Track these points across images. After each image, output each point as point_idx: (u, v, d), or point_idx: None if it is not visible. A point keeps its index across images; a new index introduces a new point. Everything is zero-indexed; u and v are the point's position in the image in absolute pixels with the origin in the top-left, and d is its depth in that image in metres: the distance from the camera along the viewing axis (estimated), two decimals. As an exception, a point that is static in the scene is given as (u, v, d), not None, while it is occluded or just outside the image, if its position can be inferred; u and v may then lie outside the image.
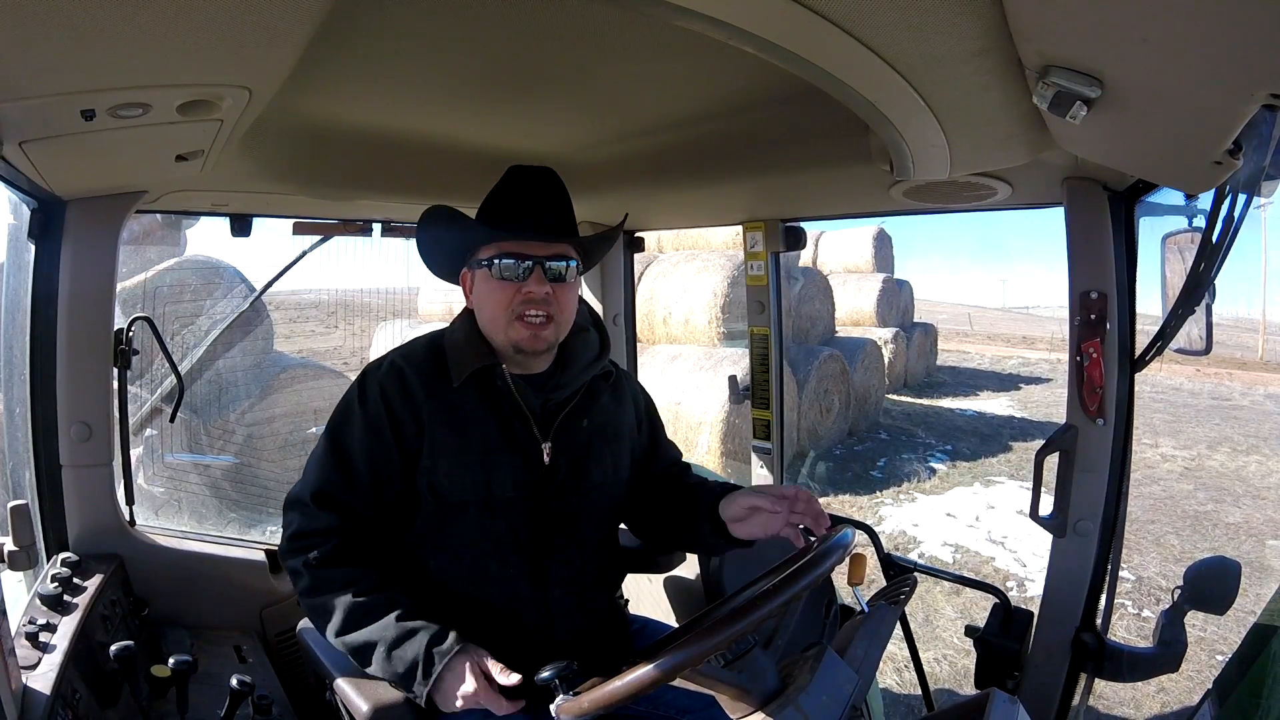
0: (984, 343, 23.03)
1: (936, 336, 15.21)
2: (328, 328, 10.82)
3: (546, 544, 1.30)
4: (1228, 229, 0.87)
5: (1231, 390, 13.77)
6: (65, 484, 1.53)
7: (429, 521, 1.28)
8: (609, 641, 1.40)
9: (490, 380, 1.29)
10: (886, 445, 9.37)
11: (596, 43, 1.16)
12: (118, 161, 1.29)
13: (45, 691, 1.07)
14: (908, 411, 11.39)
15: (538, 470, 1.29)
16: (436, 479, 1.25)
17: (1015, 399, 13.47)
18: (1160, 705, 3.47)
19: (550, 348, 1.32)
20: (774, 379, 2.21)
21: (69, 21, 0.72)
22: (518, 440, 1.29)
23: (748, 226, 2.16)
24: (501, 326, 1.27)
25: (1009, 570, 5.38)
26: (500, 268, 1.26)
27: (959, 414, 11.69)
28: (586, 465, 1.34)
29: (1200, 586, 1.36)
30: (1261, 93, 0.68)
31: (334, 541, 1.23)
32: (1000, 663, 1.58)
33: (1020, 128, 1.04)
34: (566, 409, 1.33)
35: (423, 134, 1.60)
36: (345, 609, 1.19)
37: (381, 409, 1.26)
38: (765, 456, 2.25)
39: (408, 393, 1.27)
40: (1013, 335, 25.13)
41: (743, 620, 0.90)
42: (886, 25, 0.77)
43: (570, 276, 1.29)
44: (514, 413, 1.29)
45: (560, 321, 1.29)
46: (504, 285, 1.26)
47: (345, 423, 1.28)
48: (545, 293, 1.25)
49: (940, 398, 12.86)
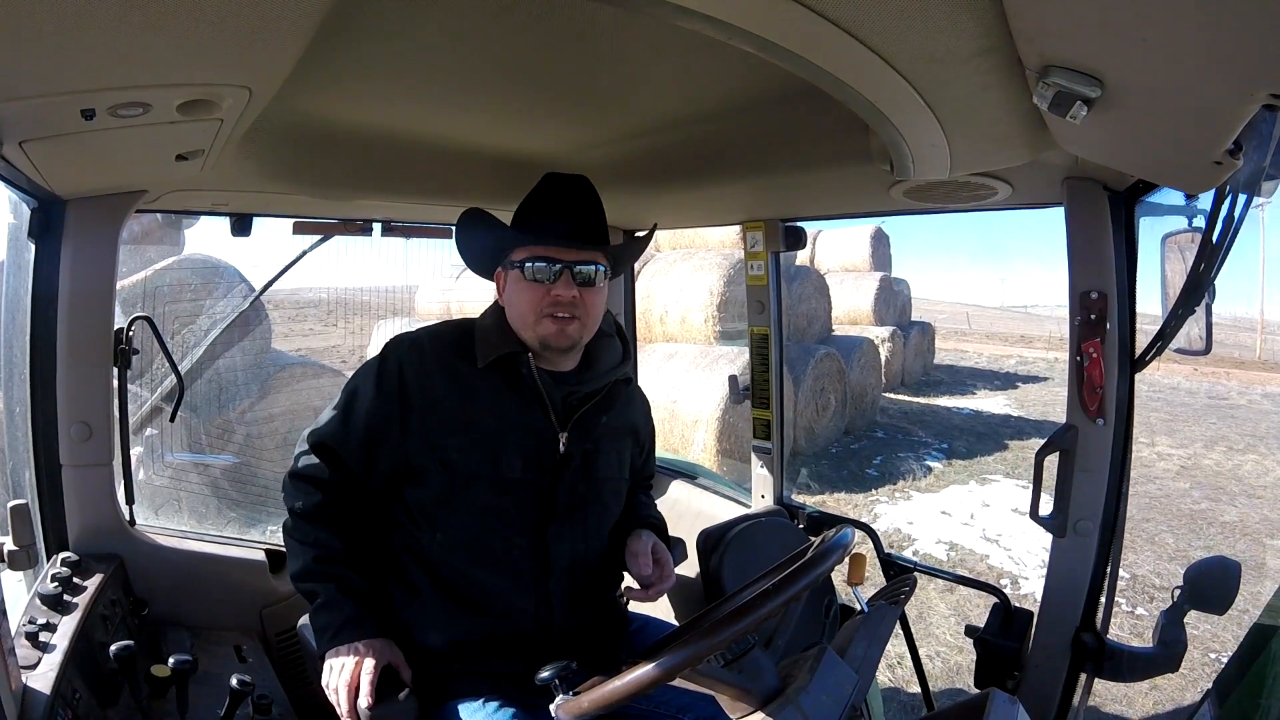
0: (982, 341, 23.15)
1: (934, 335, 15.26)
2: (326, 326, 10.88)
3: (554, 528, 1.33)
4: (1228, 229, 0.87)
5: (1229, 390, 13.85)
6: (65, 484, 1.53)
7: (439, 493, 1.32)
8: (609, 640, 1.41)
9: (515, 368, 1.33)
10: (883, 444, 9.38)
11: (597, 43, 1.16)
12: (118, 161, 1.29)
13: (45, 691, 1.07)
14: (905, 410, 11.42)
15: (551, 456, 1.33)
16: (447, 455, 1.30)
17: (1012, 398, 13.56)
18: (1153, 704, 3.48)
19: (575, 346, 1.35)
20: (774, 379, 2.21)
21: (69, 21, 0.71)
22: (533, 425, 1.33)
23: (748, 226, 2.16)
24: (530, 324, 1.31)
25: (1003, 568, 5.40)
26: (532, 270, 1.30)
27: (956, 412, 11.74)
28: (599, 459, 1.39)
29: (1200, 586, 1.36)
30: (1261, 93, 0.68)
31: (319, 496, 1.33)
32: (1000, 663, 1.58)
33: (1020, 128, 1.04)
34: (588, 405, 1.38)
35: (423, 134, 1.60)
36: (305, 562, 1.31)
37: (395, 378, 1.32)
38: (765, 456, 2.25)
39: (424, 367, 1.33)
40: (1010, 334, 25.21)
41: (742, 620, 0.90)
42: (887, 25, 0.77)
43: (598, 281, 1.33)
44: (535, 399, 1.34)
45: (587, 323, 1.34)
46: (534, 287, 1.31)
47: (361, 383, 1.35)
48: (573, 295, 1.30)
49: (937, 396, 12.92)
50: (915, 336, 13.85)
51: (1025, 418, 11.72)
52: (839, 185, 1.76)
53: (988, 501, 7.21)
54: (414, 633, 1.30)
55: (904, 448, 9.18)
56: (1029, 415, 11.91)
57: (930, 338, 14.94)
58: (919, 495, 7.33)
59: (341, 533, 1.33)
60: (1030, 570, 5.32)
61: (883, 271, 13.45)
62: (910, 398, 12.44)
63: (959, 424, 10.91)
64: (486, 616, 1.30)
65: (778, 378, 2.22)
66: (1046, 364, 18.16)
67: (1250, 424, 11.06)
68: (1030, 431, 10.58)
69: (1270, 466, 8.70)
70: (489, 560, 1.31)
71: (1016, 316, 38.12)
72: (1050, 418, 11.74)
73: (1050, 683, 1.52)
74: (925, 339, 14.54)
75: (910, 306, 14.46)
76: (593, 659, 1.27)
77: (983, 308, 44.52)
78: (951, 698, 3.25)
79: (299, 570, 1.30)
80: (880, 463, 8.45)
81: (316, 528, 1.32)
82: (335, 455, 1.33)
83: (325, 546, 1.31)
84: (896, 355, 12.72)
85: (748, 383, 2.29)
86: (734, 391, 2.35)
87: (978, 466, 8.63)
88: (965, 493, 7.54)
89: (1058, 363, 18.29)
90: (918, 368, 13.96)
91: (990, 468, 8.57)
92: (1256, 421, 11.38)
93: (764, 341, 2.22)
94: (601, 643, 1.38)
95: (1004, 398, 13.54)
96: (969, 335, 24.92)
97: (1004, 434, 10.32)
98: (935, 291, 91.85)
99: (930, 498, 7.26)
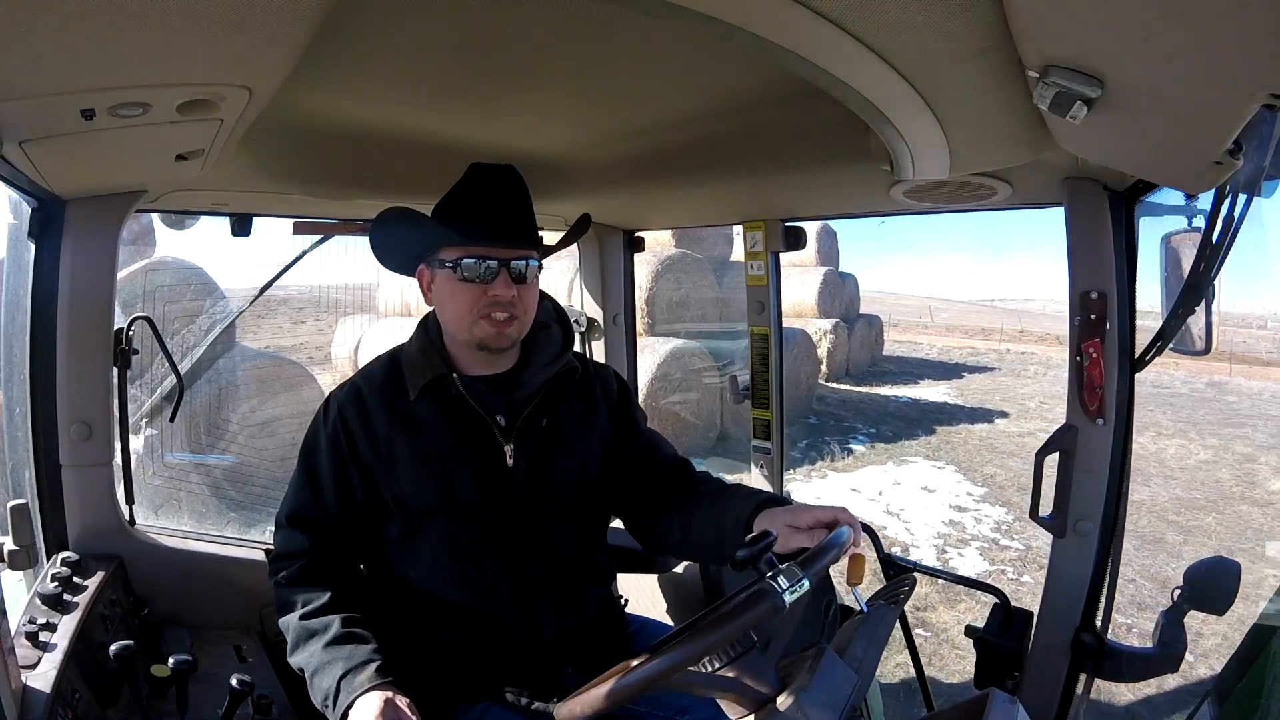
0: (940, 334, 23.55)
1: (881, 328, 15.89)
2: (295, 324, 11.03)
3: (519, 545, 1.31)
4: (1228, 229, 0.87)
5: (1174, 379, 14.42)
6: (65, 483, 1.53)
7: (401, 533, 1.31)
8: (605, 642, 1.40)
9: (446, 389, 1.30)
10: (814, 429, 9.74)
11: (597, 42, 1.16)
12: (118, 161, 1.29)
13: (45, 691, 1.07)
14: (844, 399, 11.87)
15: (500, 473, 1.30)
16: (400, 490, 1.28)
17: (954, 387, 14.17)
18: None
19: (513, 344, 1.33)
20: (774, 379, 2.21)
21: (69, 21, 0.71)
22: (478, 446, 1.30)
23: (748, 226, 2.16)
24: (466, 326, 1.28)
25: (895, 537, 5.95)
26: (464, 269, 1.26)
27: (894, 400, 12.25)
28: (550, 465, 1.34)
29: (1200, 587, 1.36)
30: (1261, 93, 0.68)
31: (301, 563, 1.29)
32: (1000, 663, 1.58)
33: (1020, 128, 1.04)
34: (529, 408, 1.33)
35: (423, 133, 1.60)
36: (293, 631, 1.23)
37: (340, 429, 1.30)
38: (765, 457, 2.25)
39: (364, 411, 1.31)
40: (971, 327, 25.44)
41: (723, 629, 0.90)
42: (886, 25, 0.77)
43: (532, 276, 1.31)
44: (472, 418, 1.30)
45: (525, 321, 1.32)
46: (469, 287, 1.26)
47: (314, 445, 1.33)
48: (512, 295, 1.26)
49: (880, 386, 13.46)
50: (861, 329, 14.46)
51: (961, 405, 12.25)
52: (839, 185, 1.76)
53: (899, 480, 7.69)
54: (410, 646, 1.29)
55: (833, 433, 9.60)
56: (965, 403, 12.44)
57: (878, 330, 15.57)
58: (834, 475, 7.74)
59: (331, 584, 1.27)
60: (922, 540, 5.89)
61: (828, 266, 13.93)
62: (853, 387, 12.95)
63: (893, 411, 11.37)
64: (477, 631, 1.29)
65: (778, 378, 2.22)
66: (997, 355, 18.83)
67: (1186, 411, 11.58)
68: (962, 418, 11.13)
69: (1194, 450, 9.21)
70: (466, 584, 1.29)
71: (981, 310, 38.52)
72: (986, 405, 12.43)
73: (1050, 683, 1.52)
74: (873, 331, 15.16)
75: (858, 300, 14.98)
76: (589, 661, 1.27)
77: (950, 301, 45.04)
78: (951, 699, 3.25)
79: (291, 644, 1.23)
80: (805, 446, 8.81)
81: (301, 590, 1.26)
82: (311, 522, 1.30)
83: (311, 602, 1.24)
84: (840, 347, 13.26)
85: (747, 383, 2.29)
86: (734, 392, 2.35)
87: (899, 449, 9.12)
88: (880, 473, 8.01)
89: (1008, 354, 19.13)
90: (865, 358, 14.55)
91: (911, 450, 9.05)
92: (1194, 409, 11.92)
93: (764, 342, 2.22)
94: (598, 644, 1.37)
95: (946, 387, 14.11)
96: (929, 328, 25.29)
97: (935, 420, 10.81)
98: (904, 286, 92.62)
99: (844, 477, 7.66)
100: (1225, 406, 12.55)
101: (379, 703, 1.08)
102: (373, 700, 1.08)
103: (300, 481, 1.33)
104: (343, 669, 1.14)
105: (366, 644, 1.18)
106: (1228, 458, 9.09)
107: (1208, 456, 9.13)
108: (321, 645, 1.18)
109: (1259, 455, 9.16)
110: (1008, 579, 5.27)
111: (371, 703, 1.08)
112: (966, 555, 5.94)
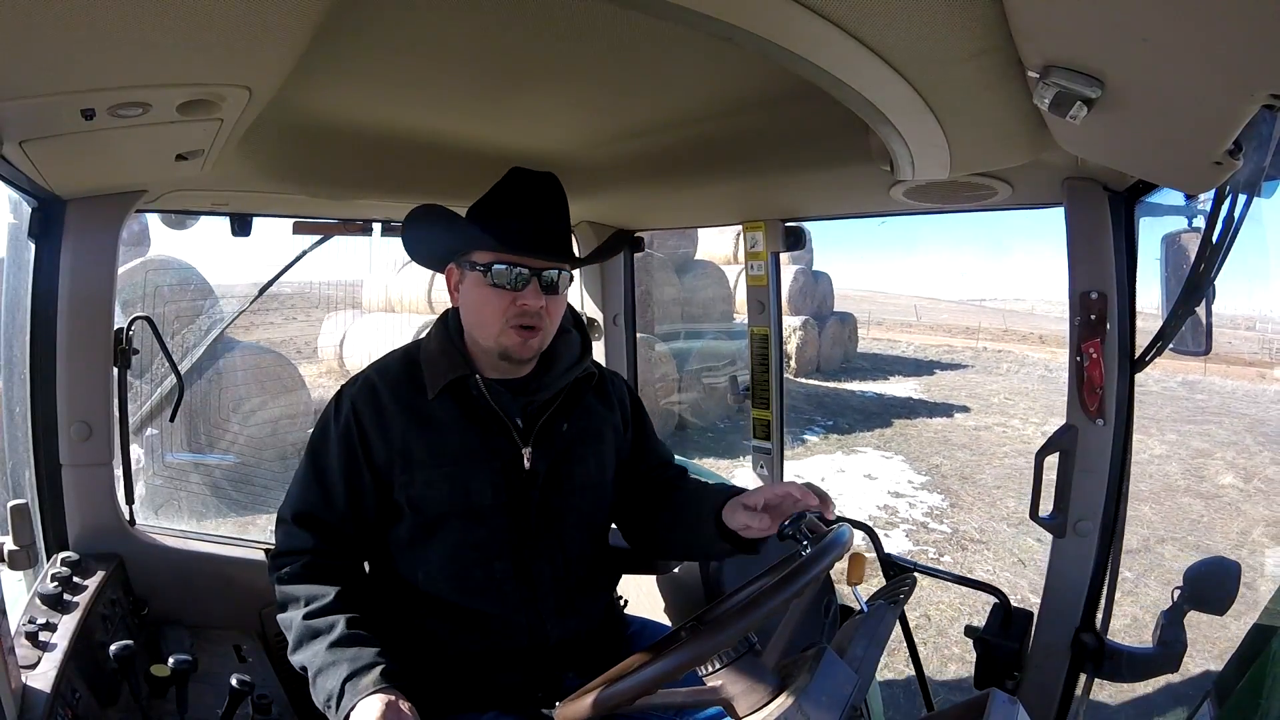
0: (925, 332, 23.66)
1: (855, 325, 16.09)
2: (286, 320, 11.13)
3: (530, 548, 1.30)
4: (1228, 229, 0.87)
5: (1148, 378, 14.71)
6: (65, 483, 1.53)
7: (411, 534, 1.29)
8: (606, 643, 1.40)
9: (466, 390, 1.29)
10: None
11: (597, 42, 1.15)
12: (118, 161, 1.28)
13: (45, 690, 1.07)
14: (810, 393, 12.00)
15: (518, 476, 1.29)
16: (414, 492, 1.26)
17: (923, 383, 14.35)
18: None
19: (535, 356, 1.32)
20: (774, 379, 2.21)
21: (69, 21, 0.71)
22: (497, 448, 1.29)
23: (748, 226, 2.16)
24: (493, 333, 1.27)
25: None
26: (495, 274, 1.25)
27: (859, 395, 12.40)
28: (568, 468, 1.34)
29: (1200, 587, 1.36)
30: (1261, 93, 0.68)
31: (305, 560, 1.25)
32: (1000, 663, 1.58)
33: (1020, 128, 1.04)
34: (548, 412, 1.33)
35: (423, 133, 1.60)
36: (296, 630, 1.20)
37: (353, 425, 1.28)
38: (765, 456, 2.25)
39: (379, 408, 1.28)
40: (956, 326, 25.58)
41: (722, 632, 0.90)
42: (886, 25, 0.77)
43: (563, 286, 1.30)
44: (492, 420, 1.29)
45: (550, 332, 1.31)
46: (499, 293, 1.26)
47: (323, 441, 1.30)
48: (541, 306, 1.25)
49: (849, 381, 13.62)
50: (834, 326, 14.63)
51: (925, 400, 12.45)
52: (839, 185, 1.75)
53: (844, 469, 7.90)
54: (412, 649, 1.28)
55: (791, 424, 9.76)
56: (930, 399, 12.62)
57: (852, 328, 15.75)
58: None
59: (337, 582, 1.24)
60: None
61: (800, 265, 14.04)
62: (821, 382, 13.13)
63: (855, 405, 11.52)
64: (482, 635, 1.29)
65: (778, 378, 2.22)
66: (973, 353, 19.07)
67: (1153, 409, 11.80)
68: (923, 412, 11.32)
69: (1149, 444, 9.39)
70: (474, 588, 1.28)
71: (969, 309, 38.78)
72: (950, 400, 12.66)
73: (1050, 683, 1.52)
74: (846, 329, 15.34)
75: (832, 297, 15.17)
76: (590, 662, 1.27)
77: (939, 300, 45.33)
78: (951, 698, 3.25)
79: (292, 642, 1.21)
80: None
81: (304, 587, 1.23)
82: (317, 520, 1.27)
83: (315, 600, 1.21)
84: (810, 344, 13.47)
85: (747, 383, 2.29)
86: (734, 391, 2.35)
87: (852, 440, 9.32)
88: (828, 461, 8.25)
89: (984, 352, 19.38)
90: (837, 355, 14.73)
91: (864, 441, 9.26)
92: (1160, 405, 12.16)
93: (764, 342, 2.22)
94: (598, 645, 1.37)
95: (915, 383, 14.29)
96: (913, 327, 25.50)
97: (894, 414, 10.98)
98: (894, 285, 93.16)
99: (791, 464, 7.95)
100: (1193, 404, 12.75)
101: (383, 707, 1.05)
102: (377, 704, 1.06)
103: (307, 478, 1.30)
104: (348, 671, 1.11)
105: (372, 646, 1.15)
106: (1182, 453, 9.27)
107: (1161, 451, 9.31)
108: (326, 645, 1.16)
109: (1215, 451, 9.35)
110: (928, 558, 5.54)
111: (375, 706, 1.05)
112: (893, 536, 6.13)
